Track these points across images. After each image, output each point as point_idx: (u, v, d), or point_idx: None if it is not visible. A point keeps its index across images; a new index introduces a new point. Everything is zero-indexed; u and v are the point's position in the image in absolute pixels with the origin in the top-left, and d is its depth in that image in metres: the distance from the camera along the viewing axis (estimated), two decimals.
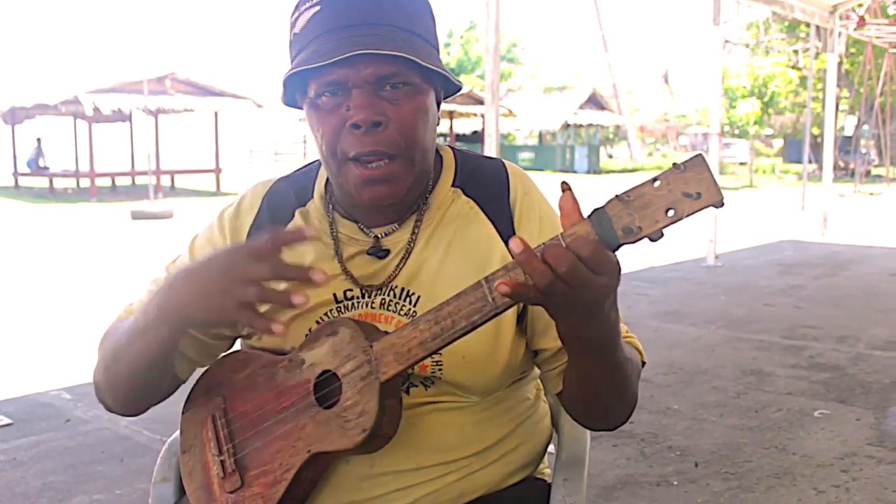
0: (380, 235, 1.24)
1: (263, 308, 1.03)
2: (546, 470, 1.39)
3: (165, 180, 24.47)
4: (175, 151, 29.55)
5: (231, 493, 1.15)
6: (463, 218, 1.24)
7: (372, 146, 1.12)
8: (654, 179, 0.88)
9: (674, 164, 0.87)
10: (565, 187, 0.92)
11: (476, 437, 1.22)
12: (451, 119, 29.68)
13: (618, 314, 1.03)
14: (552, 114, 34.51)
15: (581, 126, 36.70)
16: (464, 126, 31.87)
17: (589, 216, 0.91)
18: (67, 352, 5.21)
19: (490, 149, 5.22)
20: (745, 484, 3.09)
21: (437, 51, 1.21)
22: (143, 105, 20.10)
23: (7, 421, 3.90)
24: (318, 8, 1.13)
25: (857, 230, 12.30)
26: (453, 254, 1.21)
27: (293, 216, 1.28)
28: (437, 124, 1.23)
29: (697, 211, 0.86)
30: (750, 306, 6.51)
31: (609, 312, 0.99)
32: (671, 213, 0.87)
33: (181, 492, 1.31)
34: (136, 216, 15.50)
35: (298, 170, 1.36)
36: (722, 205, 0.86)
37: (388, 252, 1.23)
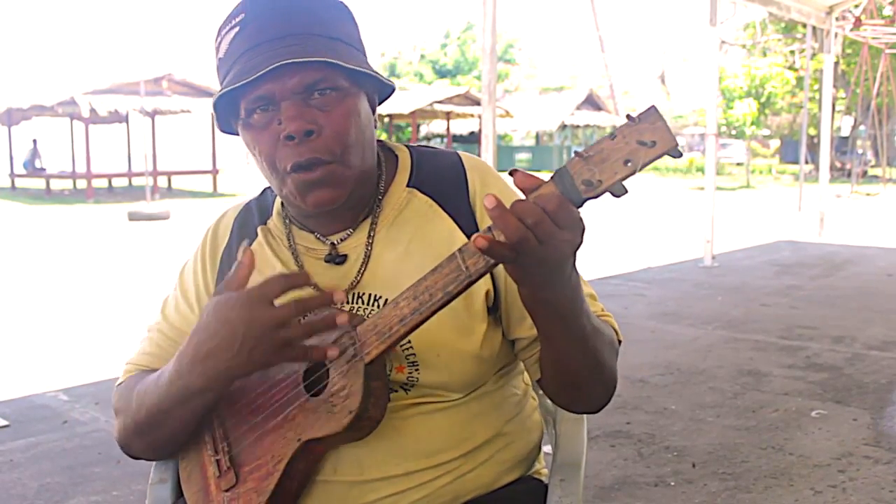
0: (336, 242, 1.25)
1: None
2: (543, 470, 1.38)
3: (162, 181, 24.46)
4: (172, 152, 29.50)
5: (226, 491, 1.15)
6: (422, 216, 1.24)
7: (308, 154, 1.13)
8: (612, 135, 0.90)
9: (627, 116, 0.89)
10: (513, 171, 0.94)
11: (464, 437, 1.21)
12: (448, 120, 29.71)
13: (579, 278, 1.05)
14: (549, 114, 34.57)
15: (578, 127, 36.75)
16: (460, 127, 31.94)
17: (552, 177, 0.93)
18: (65, 353, 5.21)
19: (487, 150, 5.23)
20: (742, 484, 3.10)
21: (364, 54, 1.22)
22: (139, 106, 20.09)
23: (4, 423, 3.90)
24: (237, 29, 1.15)
25: (853, 230, 12.31)
26: (415, 253, 1.21)
27: (257, 234, 1.31)
28: (375, 126, 1.24)
29: (654, 159, 0.88)
30: (747, 307, 6.51)
31: (570, 274, 1.00)
32: (629, 163, 0.88)
33: (178, 493, 1.31)
34: (133, 217, 15.49)
35: (266, 188, 1.38)
36: (679, 153, 0.88)
37: (345, 258, 1.23)
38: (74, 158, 23.83)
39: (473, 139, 32.39)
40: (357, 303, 1.21)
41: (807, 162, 21.22)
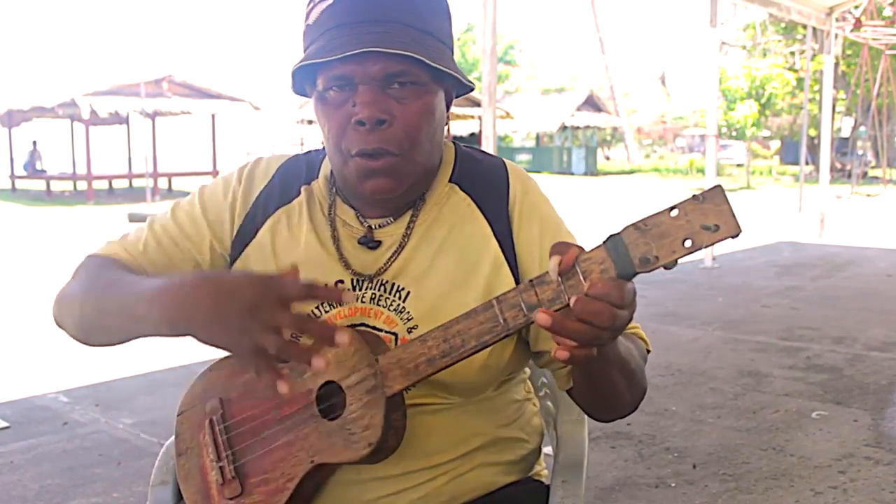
0: (374, 226, 1.24)
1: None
2: (543, 472, 1.38)
3: (162, 183, 24.43)
4: (172, 154, 29.52)
5: (231, 499, 1.15)
6: (459, 215, 1.23)
7: (375, 143, 1.12)
8: (672, 209, 0.87)
9: (693, 196, 0.86)
10: (553, 252, 0.92)
11: (461, 439, 1.21)
12: (449, 121, 29.57)
13: None
14: (549, 116, 34.54)
15: (578, 128, 36.74)
16: (461, 128, 31.89)
17: (604, 242, 0.90)
18: (64, 355, 5.20)
19: (487, 151, 5.22)
20: (742, 485, 3.09)
21: (451, 50, 1.21)
22: (140, 107, 20.09)
23: (4, 424, 3.89)
24: (331, 1, 1.13)
25: (854, 231, 12.31)
26: (446, 251, 1.21)
27: (299, 192, 1.29)
28: (446, 124, 1.23)
29: (715, 242, 0.86)
30: (747, 307, 6.51)
31: None
32: (688, 243, 0.86)
33: (179, 495, 1.31)
34: (133, 219, 15.48)
35: (312, 151, 1.36)
36: (739, 235, 0.86)
37: (378, 244, 1.23)
38: (75, 160, 23.82)
39: (474, 140, 32.37)
40: (379, 290, 1.20)
41: (807, 163, 21.24)
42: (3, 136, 24.31)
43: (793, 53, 30.17)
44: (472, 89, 1.24)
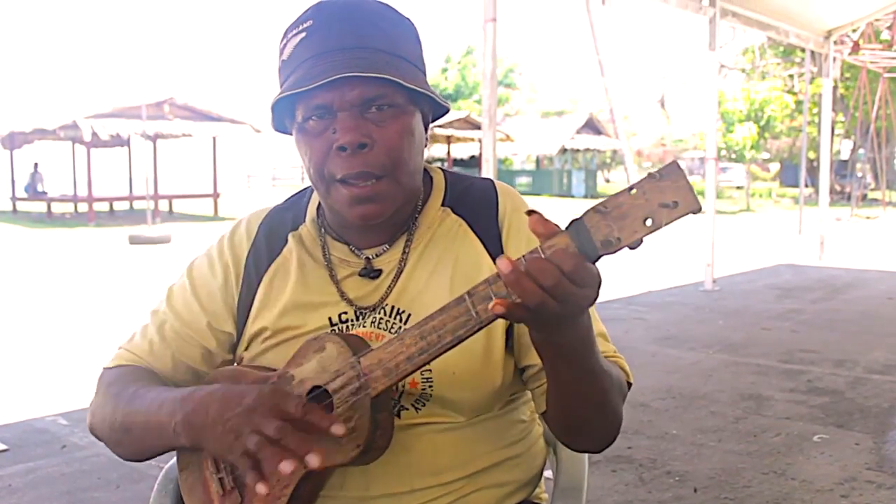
0: (371, 257, 1.25)
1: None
2: (543, 495, 1.38)
3: (163, 205, 24.50)
4: (173, 176, 29.59)
5: None
6: (452, 236, 1.26)
7: (359, 167, 1.14)
8: (631, 188, 0.87)
9: (649, 174, 0.87)
10: (529, 212, 0.92)
11: (469, 459, 1.22)
12: (449, 144, 29.78)
13: (590, 319, 1.03)
14: (549, 138, 34.69)
15: (578, 151, 36.89)
16: (461, 151, 32.03)
17: (567, 228, 0.91)
18: (64, 377, 5.19)
19: (487, 173, 5.23)
20: None
21: (424, 73, 1.23)
22: (141, 130, 20.17)
23: (3, 447, 3.88)
24: (303, 35, 1.16)
25: (853, 254, 12.32)
26: (442, 271, 1.22)
27: (287, 241, 1.30)
28: (426, 145, 1.24)
29: (676, 219, 0.86)
30: (748, 330, 6.50)
31: (582, 317, 0.99)
32: (649, 222, 0.87)
33: None
34: (134, 241, 15.51)
35: (292, 196, 1.38)
36: (699, 211, 0.86)
37: (379, 273, 1.24)
38: (76, 182, 23.88)
39: (474, 163, 32.48)
40: (380, 314, 1.22)
41: (806, 185, 21.30)
42: (5, 158, 24.42)
43: (791, 76, 30.31)
44: (448, 110, 1.26)
